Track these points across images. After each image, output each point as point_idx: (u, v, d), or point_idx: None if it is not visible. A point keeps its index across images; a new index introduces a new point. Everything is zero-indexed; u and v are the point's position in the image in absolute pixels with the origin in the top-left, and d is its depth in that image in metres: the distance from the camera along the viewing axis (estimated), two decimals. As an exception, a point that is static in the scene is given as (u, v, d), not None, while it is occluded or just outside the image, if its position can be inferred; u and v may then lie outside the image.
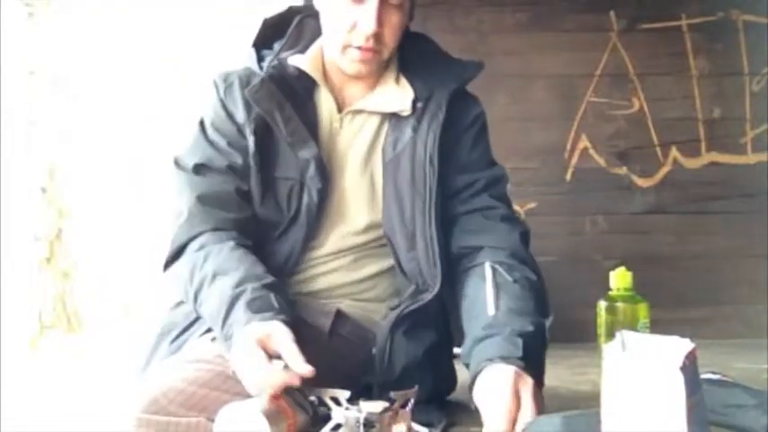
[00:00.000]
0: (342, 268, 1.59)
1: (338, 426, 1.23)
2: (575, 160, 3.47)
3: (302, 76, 1.56)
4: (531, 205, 3.46)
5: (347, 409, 1.24)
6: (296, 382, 1.22)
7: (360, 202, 1.58)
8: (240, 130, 1.54)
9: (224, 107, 1.56)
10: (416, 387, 1.31)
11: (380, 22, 1.50)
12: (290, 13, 1.64)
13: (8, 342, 3.28)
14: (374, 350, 1.52)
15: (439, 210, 1.54)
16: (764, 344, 2.82)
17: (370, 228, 1.59)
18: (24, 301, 3.55)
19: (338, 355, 1.51)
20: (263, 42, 1.63)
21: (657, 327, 1.86)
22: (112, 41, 3.67)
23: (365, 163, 1.58)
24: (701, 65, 3.46)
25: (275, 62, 1.56)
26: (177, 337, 1.52)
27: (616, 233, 3.45)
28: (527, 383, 1.28)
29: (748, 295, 3.32)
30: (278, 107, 1.49)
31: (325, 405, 1.28)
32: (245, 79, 1.56)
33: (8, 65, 3.59)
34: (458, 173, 1.61)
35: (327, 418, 1.26)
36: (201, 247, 1.45)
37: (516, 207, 3.47)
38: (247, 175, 1.53)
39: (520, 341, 1.35)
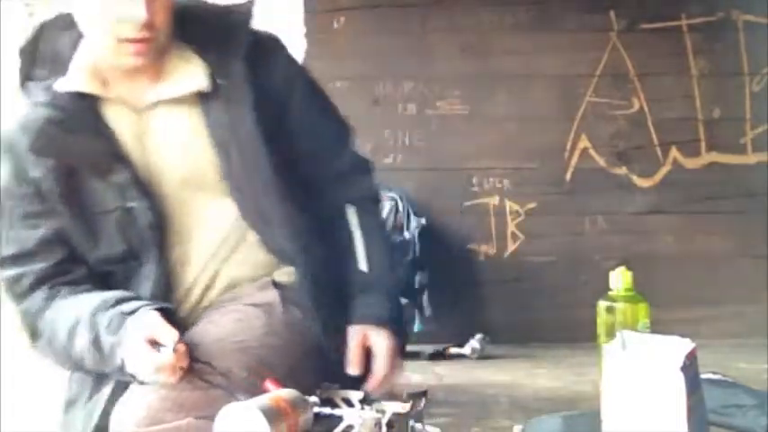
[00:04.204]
0: (228, 260, 1.47)
1: (350, 427, 1.23)
2: (575, 160, 3.47)
3: (79, 96, 1.39)
4: (531, 205, 3.47)
5: (362, 409, 1.24)
6: (181, 362, 1.24)
7: (205, 194, 1.45)
8: (38, 187, 1.41)
9: (15, 172, 1.42)
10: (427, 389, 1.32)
11: (151, 8, 1.33)
12: (39, 33, 1.44)
13: (8, 342, 3.28)
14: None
15: (287, 182, 1.45)
16: (764, 344, 2.83)
17: (226, 216, 1.46)
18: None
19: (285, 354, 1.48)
20: (28, 75, 1.45)
21: (657, 327, 1.85)
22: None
23: (189, 152, 1.43)
24: (701, 65, 3.47)
25: (45, 98, 1.39)
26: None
27: (616, 233, 3.45)
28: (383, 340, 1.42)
29: (748, 295, 3.32)
30: (66, 148, 1.38)
31: (333, 406, 1.28)
32: (26, 131, 1.40)
33: (8, 65, 3.58)
34: (300, 140, 1.49)
35: (330, 417, 1.26)
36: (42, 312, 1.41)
37: (516, 207, 3.48)
38: (57, 223, 1.41)
39: (388, 305, 1.46)
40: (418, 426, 1.27)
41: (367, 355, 1.43)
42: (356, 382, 1.42)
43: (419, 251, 3.23)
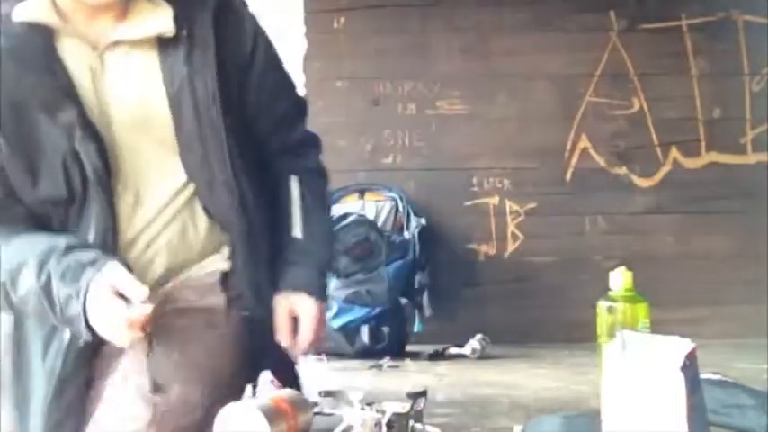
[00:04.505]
0: (171, 223, 1.41)
1: (350, 427, 1.24)
2: (575, 160, 3.47)
3: (36, 27, 1.32)
4: (531, 205, 3.47)
5: (363, 409, 1.24)
6: (142, 313, 1.21)
7: (158, 145, 1.40)
8: None
9: None
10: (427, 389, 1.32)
11: None
12: None
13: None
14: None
15: (238, 147, 1.41)
16: (764, 344, 2.82)
17: (177, 174, 1.41)
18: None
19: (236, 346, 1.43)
20: None
21: (657, 327, 1.86)
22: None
23: (143, 99, 1.37)
24: (701, 65, 3.47)
25: None
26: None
27: (616, 233, 3.45)
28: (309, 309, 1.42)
29: (748, 295, 3.32)
30: (14, 79, 1.30)
31: (333, 405, 1.28)
32: None
33: None
34: (258, 106, 1.47)
35: (330, 417, 1.27)
36: None
37: (516, 207, 3.48)
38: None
39: (319, 278, 1.46)
40: (418, 426, 1.27)
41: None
42: (279, 354, 1.42)
43: (419, 251, 3.23)
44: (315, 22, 3.50)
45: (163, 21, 1.35)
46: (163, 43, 1.36)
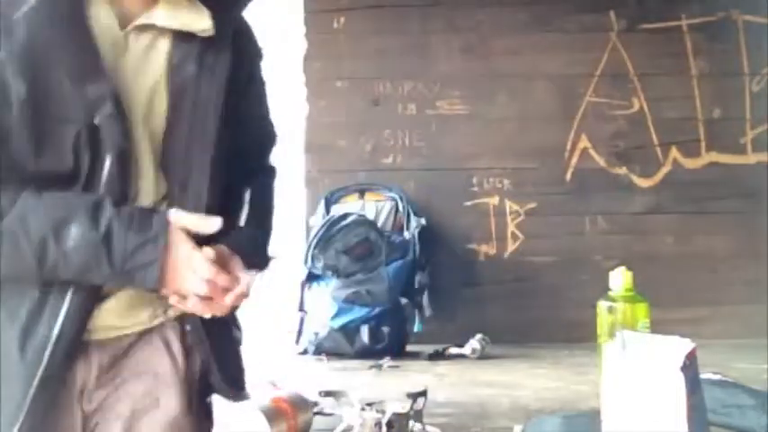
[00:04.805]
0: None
1: (350, 427, 1.24)
2: (575, 160, 3.47)
3: None
4: (531, 205, 3.47)
5: (363, 409, 1.25)
6: (226, 279, 1.19)
7: (155, 138, 1.35)
8: None
9: None
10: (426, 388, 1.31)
11: None
12: None
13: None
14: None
15: (219, 167, 1.38)
16: (764, 344, 2.83)
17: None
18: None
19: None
20: None
21: (657, 327, 1.86)
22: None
23: (153, 92, 1.34)
24: (701, 65, 3.47)
25: None
26: None
27: (616, 233, 3.45)
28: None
29: (748, 295, 3.32)
30: (52, 35, 1.25)
31: (333, 406, 1.28)
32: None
33: None
34: (245, 126, 1.45)
35: (330, 417, 1.26)
36: None
37: (516, 207, 3.48)
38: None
39: (247, 240, 1.36)
40: (418, 426, 1.27)
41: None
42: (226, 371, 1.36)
43: (419, 251, 3.23)
44: (315, 22, 3.51)
45: (203, 19, 1.33)
46: (178, 36, 1.33)
